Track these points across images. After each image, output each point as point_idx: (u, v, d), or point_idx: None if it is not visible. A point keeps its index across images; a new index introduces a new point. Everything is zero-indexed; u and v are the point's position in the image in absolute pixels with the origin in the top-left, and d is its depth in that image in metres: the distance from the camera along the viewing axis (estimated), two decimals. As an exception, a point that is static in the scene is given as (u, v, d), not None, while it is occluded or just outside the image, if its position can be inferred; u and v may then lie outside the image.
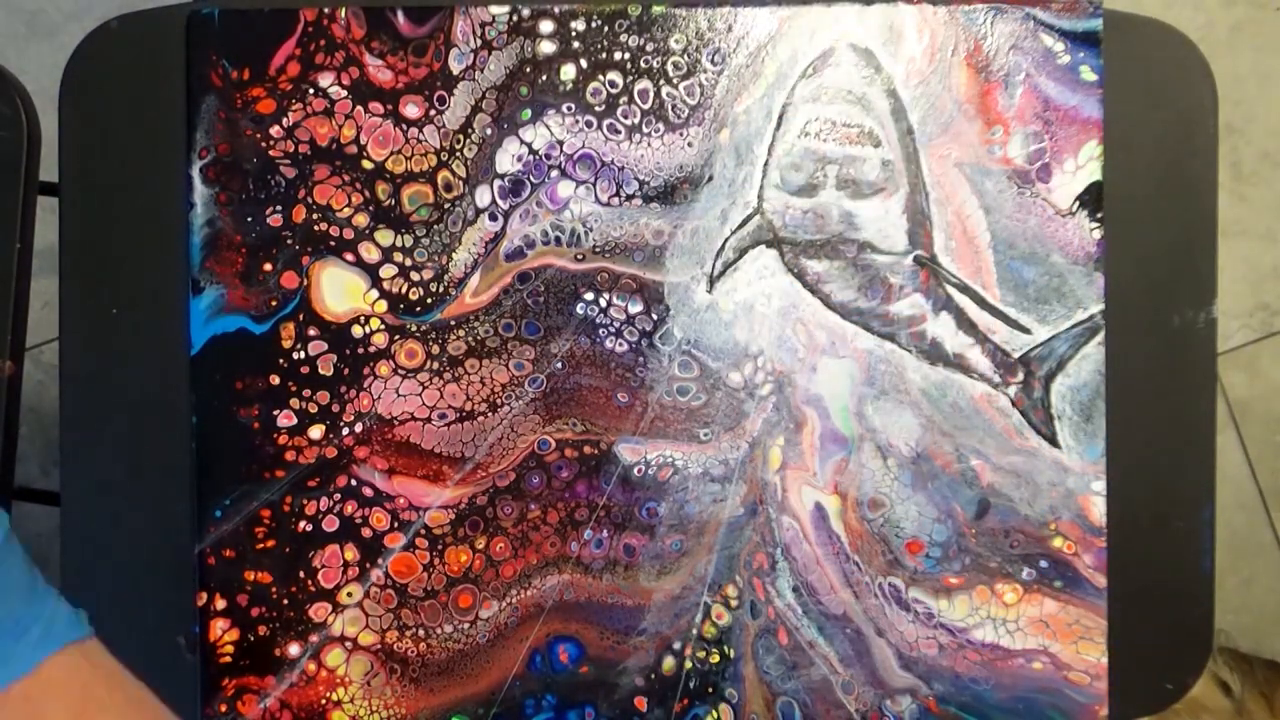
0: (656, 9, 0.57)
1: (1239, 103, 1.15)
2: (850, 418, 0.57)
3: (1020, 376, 0.57)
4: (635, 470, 0.57)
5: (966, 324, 0.57)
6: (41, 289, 0.65)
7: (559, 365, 0.57)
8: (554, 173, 0.57)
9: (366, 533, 0.57)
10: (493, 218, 0.57)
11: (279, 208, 0.57)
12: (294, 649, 0.57)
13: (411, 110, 0.57)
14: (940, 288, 0.57)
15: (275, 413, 0.57)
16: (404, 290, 0.57)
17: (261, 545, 0.57)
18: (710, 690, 0.57)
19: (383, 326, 0.57)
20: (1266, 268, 1.16)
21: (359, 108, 0.57)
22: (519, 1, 0.57)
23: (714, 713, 0.57)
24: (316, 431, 0.57)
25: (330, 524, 0.57)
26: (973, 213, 0.57)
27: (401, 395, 0.57)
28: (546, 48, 0.57)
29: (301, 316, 0.57)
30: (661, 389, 0.57)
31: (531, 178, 0.57)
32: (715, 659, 0.57)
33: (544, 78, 0.57)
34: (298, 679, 0.57)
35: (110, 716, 0.45)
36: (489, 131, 0.57)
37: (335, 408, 0.57)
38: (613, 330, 0.57)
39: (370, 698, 0.57)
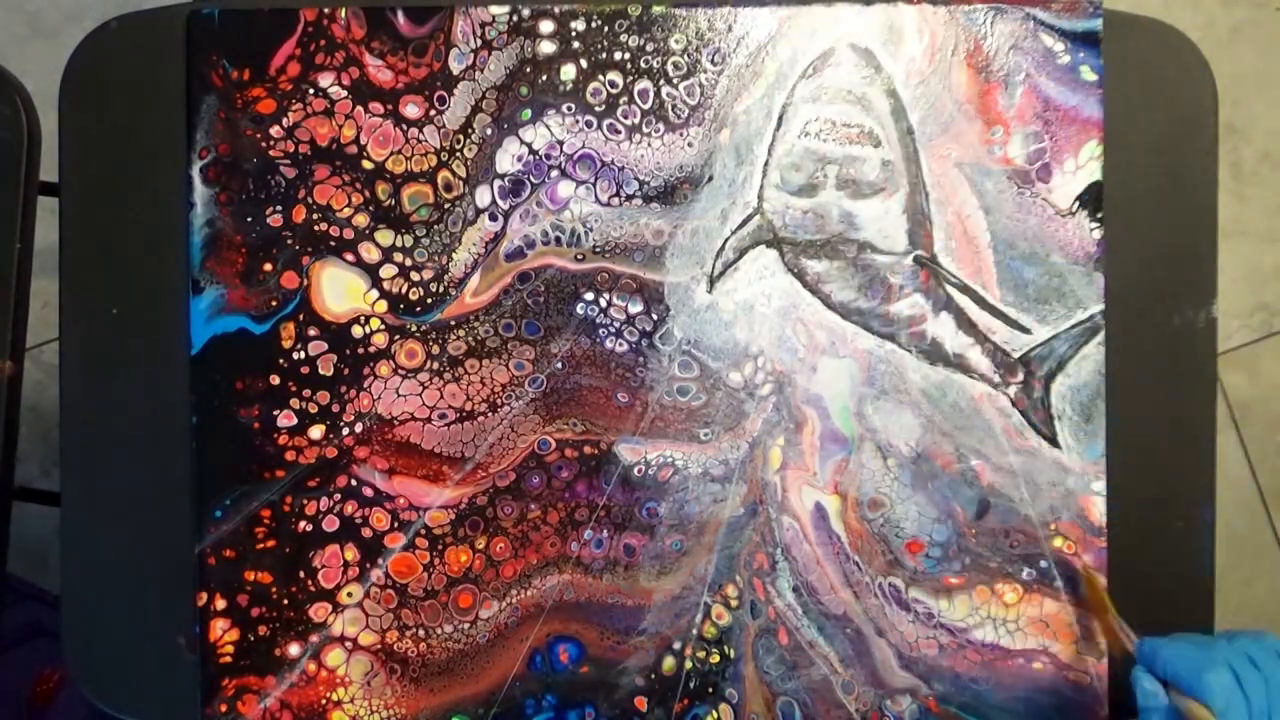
0: (656, 9, 0.57)
1: (1239, 103, 1.15)
2: (850, 418, 0.57)
3: (1020, 376, 0.57)
4: (635, 470, 0.57)
5: (966, 324, 0.57)
6: (41, 289, 0.65)
7: (559, 365, 0.57)
8: (554, 173, 0.57)
9: (366, 533, 0.57)
10: (493, 218, 0.57)
11: (279, 208, 0.57)
12: (294, 649, 0.57)
13: (411, 110, 0.57)
14: (940, 288, 0.57)
15: (275, 413, 0.57)
16: (404, 290, 0.57)
17: (261, 545, 0.57)
18: (710, 690, 0.57)
19: (383, 326, 0.57)
20: (1266, 268, 1.16)
21: (359, 108, 0.57)
22: (519, 1, 0.57)
23: (714, 713, 0.57)
24: (316, 431, 0.57)
25: (330, 524, 0.57)
26: (973, 213, 0.57)
27: (401, 395, 0.57)
28: (546, 48, 0.57)
29: (301, 316, 0.57)
30: (661, 389, 0.57)
31: (531, 178, 0.57)
32: (715, 659, 0.57)
33: (544, 78, 0.57)
34: (298, 679, 0.57)
35: None
36: (489, 131, 0.57)
37: (335, 408, 0.57)
38: (613, 330, 0.57)
39: (370, 698, 0.57)
